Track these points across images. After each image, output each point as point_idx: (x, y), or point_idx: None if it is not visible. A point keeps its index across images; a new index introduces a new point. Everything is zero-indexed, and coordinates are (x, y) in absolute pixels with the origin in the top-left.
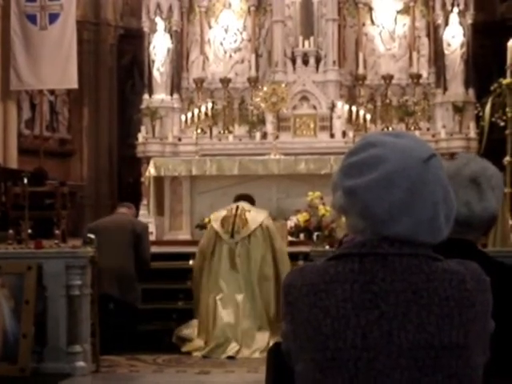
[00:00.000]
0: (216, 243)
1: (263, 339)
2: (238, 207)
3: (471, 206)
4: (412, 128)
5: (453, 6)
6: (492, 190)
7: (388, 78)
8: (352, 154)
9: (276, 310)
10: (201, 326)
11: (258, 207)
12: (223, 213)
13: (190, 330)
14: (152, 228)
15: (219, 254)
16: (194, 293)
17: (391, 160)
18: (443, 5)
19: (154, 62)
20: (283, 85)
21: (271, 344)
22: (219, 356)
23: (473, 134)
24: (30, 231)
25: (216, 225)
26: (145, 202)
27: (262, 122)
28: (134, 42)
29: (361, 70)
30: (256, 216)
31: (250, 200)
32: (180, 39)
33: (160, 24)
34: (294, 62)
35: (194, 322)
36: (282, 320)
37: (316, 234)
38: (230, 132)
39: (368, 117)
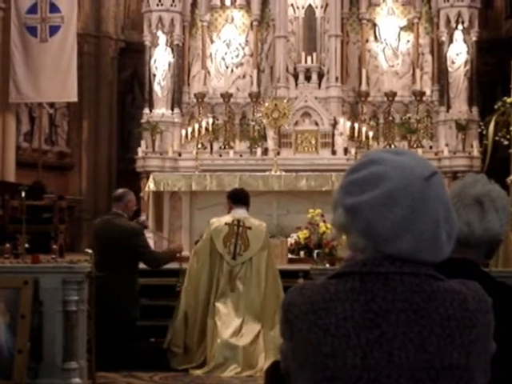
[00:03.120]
0: (217, 262)
1: (263, 359)
2: (238, 223)
3: (472, 225)
4: (415, 146)
5: (457, 23)
6: (496, 212)
7: (391, 95)
8: (353, 172)
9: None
10: (194, 345)
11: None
12: (224, 229)
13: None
14: (151, 243)
15: (219, 273)
16: (186, 296)
17: (392, 178)
18: (447, 22)
19: (154, 75)
20: (285, 100)
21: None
22: (219, 375)
23: (476, 152)
24: (27, 245)
25: (218, 242)
26: (144, 217)
27: (263, 137)
28: (134, 55)
29: (364, 87)
30: (257, 234)
31: (246, 201)
32: (181, 53)
33: (161, 38)
34: (296, 77)
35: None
36: (281, 338)
37: (316, 251)
38: (230, 147)
39: (370, 134)
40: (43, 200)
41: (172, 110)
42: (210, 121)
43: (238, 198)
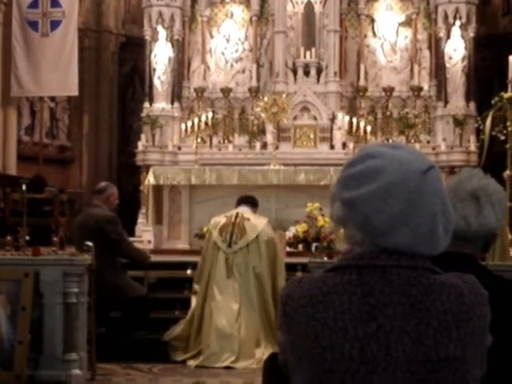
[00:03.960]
0: (213, 251)
1: (261, 350)
2: (237, 215)
3: (468, 219)
4: (412, 141)
5: (455, 19)
6: (492, 207)
7: (389, 91)
8: (350, 166)
9: (275, 321)
10: (193, 333)
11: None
12: (222, 220)
13: (176, 328)
14: (150, 237)
15: (215, 262)
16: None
17: (390, 171)
18: (445, 18)
19: (154, 70)
20: (284, 95)
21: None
22: (213, 365)
23: (473, 147)
24: (27, 238)
25: (214, 233)
26: (143, 210)
27: (262, 132)
28: (135, 50)
29: (362, 82)
30: (255, 225)
31: (253, 202)
32: (181, 48)
33: (162, 33)
34: (295, 72)
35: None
36: (278, 331)
37: (314, 245)
38: (229, 142)
39: (368, 129)
40: (44, 193)
41: (172, 104)
42: (210, 115)
43: (242, 199)
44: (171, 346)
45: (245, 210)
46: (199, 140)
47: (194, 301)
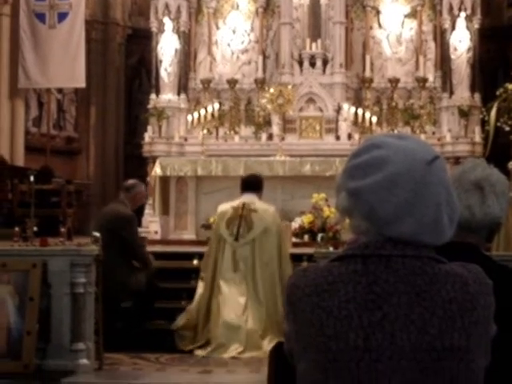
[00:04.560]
0: (220, 243)
1: (268, 342)
2: (244, 206)
3: (473, 209)
4: (417, 131)
5: (460, 10)
6: (496, 196)
7: (394, 82)
8: (356, 156)
9: (282, 312)
10: (200, 323)
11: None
12: (229, 211)
13: (183, 317)
14: (157, 227)
15: (222, 255)
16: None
17: (395, 162)
18: (450, 9)
19: (161, 62)
20: (290, 87)
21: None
22: (221, 356)
23: (478, 138)
24: (35, 229)
25: (221, 225)
26: (150, 201)
27: (268, 123)
28: (141, 41)
29: (367, 73)
30: (262, 216)
31: (257, 187)
32: (188, 40)
33: (168, 24)
34: (300, 64)
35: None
36: (284, 320)
37: (320, 235)
38: (236, 133)
39: (374, 120)
40: (51, 184)
41: (178, 95)
42: (216, 106)
43: (246, 184)
44: (179, 335)
45: (251, 200)
46: (205, 131)
47: (200, 286)
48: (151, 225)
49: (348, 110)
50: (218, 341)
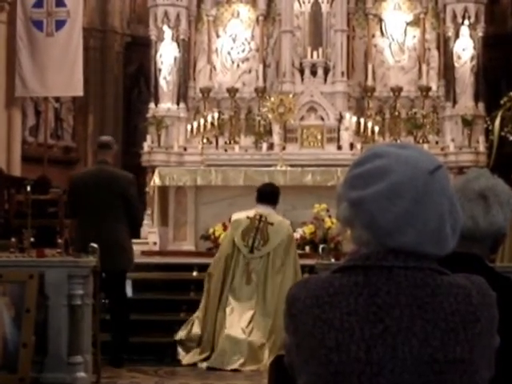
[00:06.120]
0: (233, 254)
1: (269, 354)
2: (260, 218)
3: (476, 219)
4: (420, 141)
5: (463, 18)
6: (500, 206)
7: (397, 90)
8: (357, 165)
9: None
10: (205, 336)
11: None
12: (245, 221)
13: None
14: (156, 238)
15: (235, 266)
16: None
17: (397, 171)
18: (454, 17)
19: (160, 70)
20: (291, 95)
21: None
22: (222, 366)
23: (482, 148)
24: (32, 240)
25: (236, 234)
26: (149, 211)
27: (269, 132)
28: (140, 50)
29: (369, 82)
30: (278, 229)
31: (274, 199)
32: (187, 48)
33: (167, 32)
34: (302, 72)
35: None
36: (284, 332)
37: (322, 246)
38: (236, 142)
39: (376, 129)
40: (48, 194)
41: (178, 104)
42: (216, 115)
43: (263, 195)
44: (182, 346)
45: (268, 212)
46: (205, 141)
47: (205, 285)
48: (150, 236)
49: (350, 119)
50: (220, 351)
